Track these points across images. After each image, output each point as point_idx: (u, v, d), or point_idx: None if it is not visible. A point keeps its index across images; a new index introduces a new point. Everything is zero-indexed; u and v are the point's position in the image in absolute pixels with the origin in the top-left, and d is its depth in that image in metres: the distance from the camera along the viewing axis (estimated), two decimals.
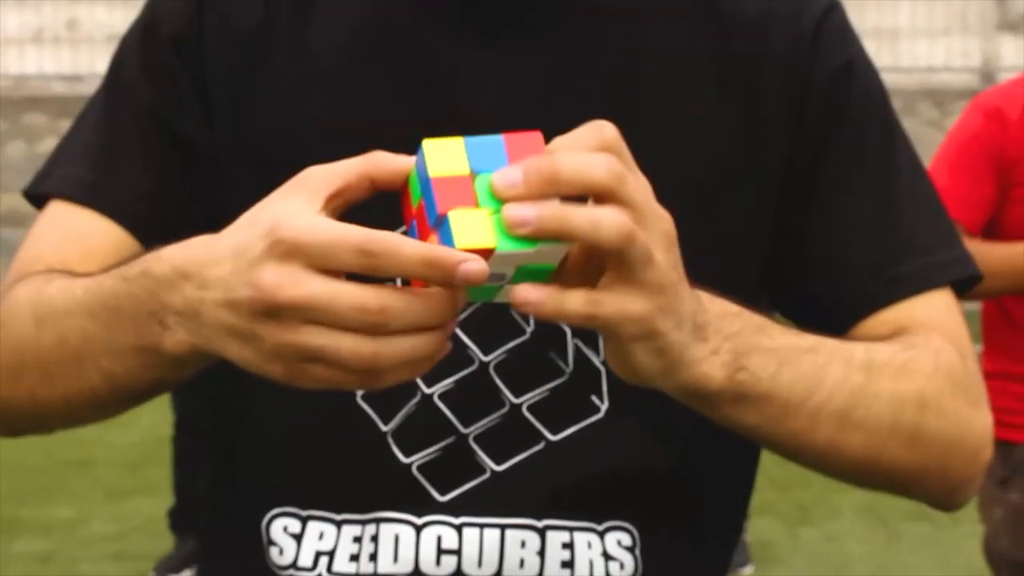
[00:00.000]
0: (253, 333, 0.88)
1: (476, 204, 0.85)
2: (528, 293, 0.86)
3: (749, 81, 1.14)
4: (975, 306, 3.06)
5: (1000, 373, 2.93)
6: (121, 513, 6.34)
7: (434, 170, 0.86)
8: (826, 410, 1.02)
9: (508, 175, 0.85)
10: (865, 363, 1.05)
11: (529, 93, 1.12)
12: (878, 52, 13.78)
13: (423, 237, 0.86)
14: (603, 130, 0.87)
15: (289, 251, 0.86)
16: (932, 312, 1.13)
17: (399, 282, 0.87)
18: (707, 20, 1.14)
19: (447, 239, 0.84)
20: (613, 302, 0.87)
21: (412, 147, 0.92)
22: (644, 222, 0.86)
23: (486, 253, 0.84)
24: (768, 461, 4.68)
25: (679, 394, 0.95)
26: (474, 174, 0.86)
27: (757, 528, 6.08)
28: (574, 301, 0.86)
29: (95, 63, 13.54)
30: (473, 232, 0.83)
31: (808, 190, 1.14)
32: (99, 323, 1.00)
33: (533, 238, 0.84)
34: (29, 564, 5.62)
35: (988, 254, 2.84)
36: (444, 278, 0.83)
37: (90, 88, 7.90)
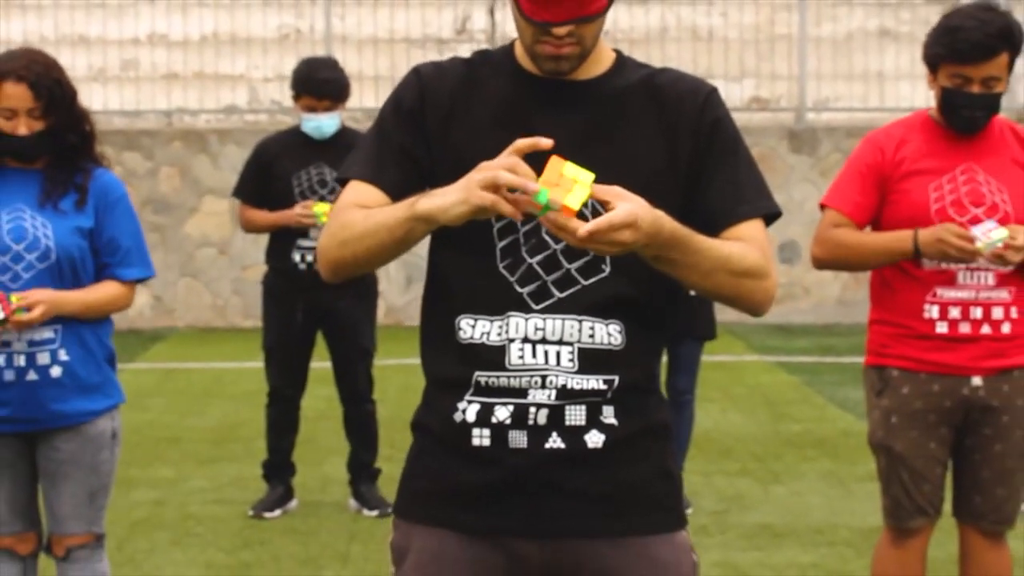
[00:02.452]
0: (468, 196, 2.27)
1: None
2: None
3: (672, 129, 2.50)
4: None
5: (879, 320, 4.27)
6: (213, 473, 7.66)
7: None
8: (705, 267, 2.39)
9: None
10: (726, 250, 2.41)
11: (572, 138, 2.47)
12: (866, 94, 15.04)
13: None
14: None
15: (479, 168, 2.27)
16: (752, 231, 2.51)
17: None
18: (653, 99, 2.52)
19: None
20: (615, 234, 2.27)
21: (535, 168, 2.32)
22: (641, 219, 2.26)
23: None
24: (750, 441, 6.64)
25: (645, 256, 2.31)
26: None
27: (736, 486, 7.39)
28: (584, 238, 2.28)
29: (155, 100, 14.80)
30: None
31: (697, 177, 2.51)
32: (390, 216, 2.40)
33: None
34: (148, 508, 6.94)
35: (871, 239, 4.20)
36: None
37: (147, 123, 9.51)
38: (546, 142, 2.29)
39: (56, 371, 4.05)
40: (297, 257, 6.68)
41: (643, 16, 15.38)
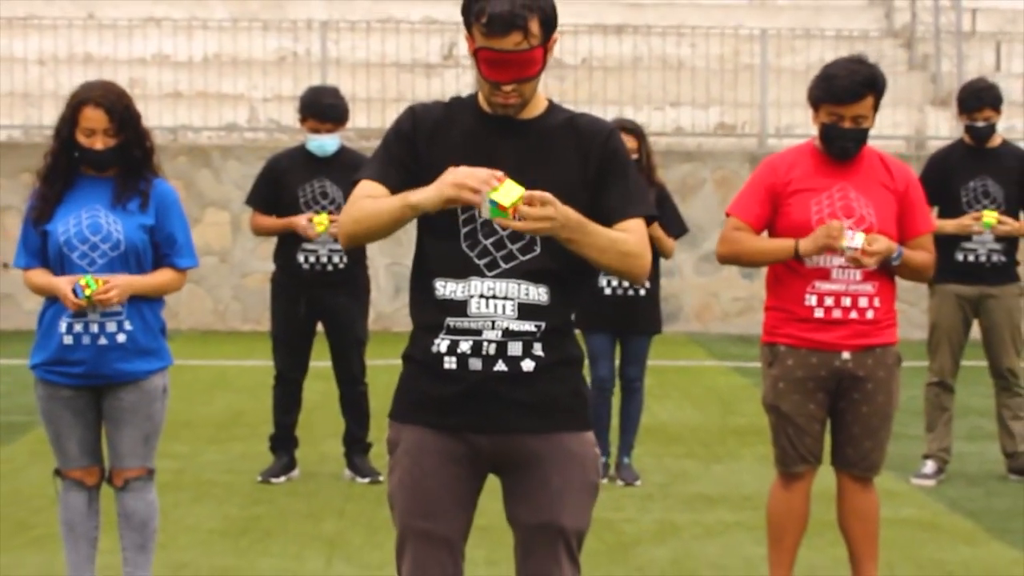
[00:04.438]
0: (441, 190, 3.40)
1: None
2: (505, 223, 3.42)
3: (584, 155, 3.58)
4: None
5: (771, 307, 5.37)
6: (223, 450, 8.72)
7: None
8: (600, 245, 3.48)
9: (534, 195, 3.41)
10: (614, 236, 3.50)
11: (517, 159, 3.54)
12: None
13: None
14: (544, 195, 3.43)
15: (448, 171, 3.41)
16: (634, 225, 3.58)
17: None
18: (573, 135, 3.60)
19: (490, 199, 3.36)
20: (539, 225, 3.40)
21: None
22: (557, 207, 3.37)
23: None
24: (699, 430, 8.31)
25: (559, 241, 3.42)
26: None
27: (682, 464, 8.48)
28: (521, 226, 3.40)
29: (161, 117, 15.73)
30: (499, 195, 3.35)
31: (600, 187, 3.58)
32: (391, 204, 3.49)
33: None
34: (169, 475, 7.96)
35: (761, 242, 5.29)
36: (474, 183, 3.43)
37: (153, 138, 9.90)
38: (499, 174, 3.41)
39: (122, 337, 5.15)
40: (301, 258, 7.77)
41: (617, 45, 16.50)
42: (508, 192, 3.36)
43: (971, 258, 7.89)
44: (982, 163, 7.92)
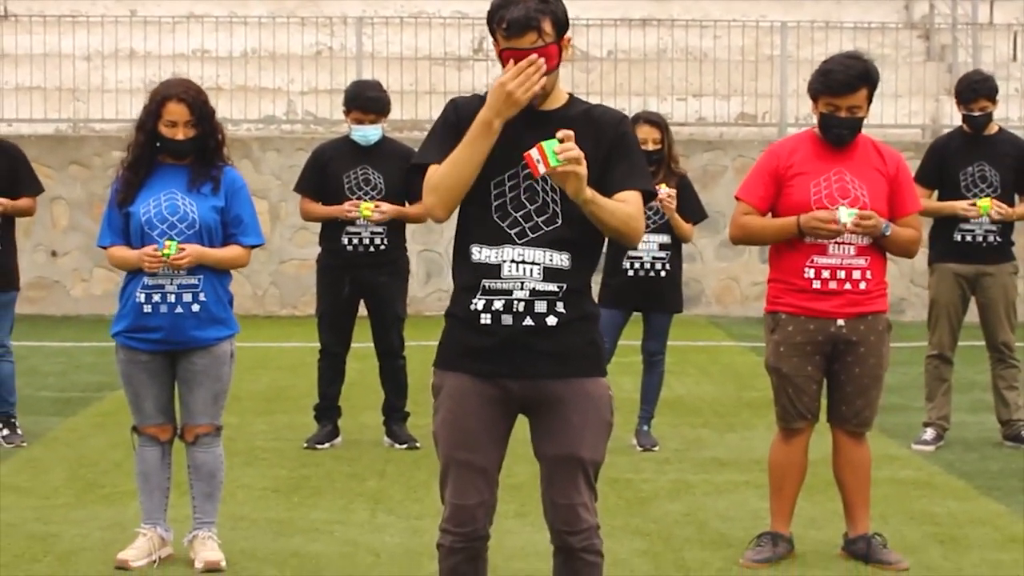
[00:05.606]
0: (501, 96, 4.04)
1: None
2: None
3: (598, 140, 4.17)
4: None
5: (773, 279, 5.95)
6: (269, 421, 9.33)
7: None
8: (607, 213, 4.07)
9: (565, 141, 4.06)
10: (613, 204, 4.10)
11: None
12: None
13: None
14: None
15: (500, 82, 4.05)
16: (633, 196, 4.17)
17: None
18: (590, 123, 4.20)
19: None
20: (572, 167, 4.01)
21: (515, 160, 4.11)
22: (582, 162, 3.99)
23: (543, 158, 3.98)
24: (715, 403, 9.20)
25: (578, 203, 4.05)
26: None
27: (698, 435, 9.05)
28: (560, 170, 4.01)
29: None
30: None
31: (609, 163, 4.16)
32: (462, 146, 4.14)
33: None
34: (224, 442, 8.59)
35: (768, 222, 5.87)
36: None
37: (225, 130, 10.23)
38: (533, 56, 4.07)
39: (196, 307, 5.79)
40: (345, 240, 8.38)
41: (642, 38, 17.02)
42: (551, 144, 3.99)
43: (969, 238, 8.44)
44: (979, 149, 8.46)
